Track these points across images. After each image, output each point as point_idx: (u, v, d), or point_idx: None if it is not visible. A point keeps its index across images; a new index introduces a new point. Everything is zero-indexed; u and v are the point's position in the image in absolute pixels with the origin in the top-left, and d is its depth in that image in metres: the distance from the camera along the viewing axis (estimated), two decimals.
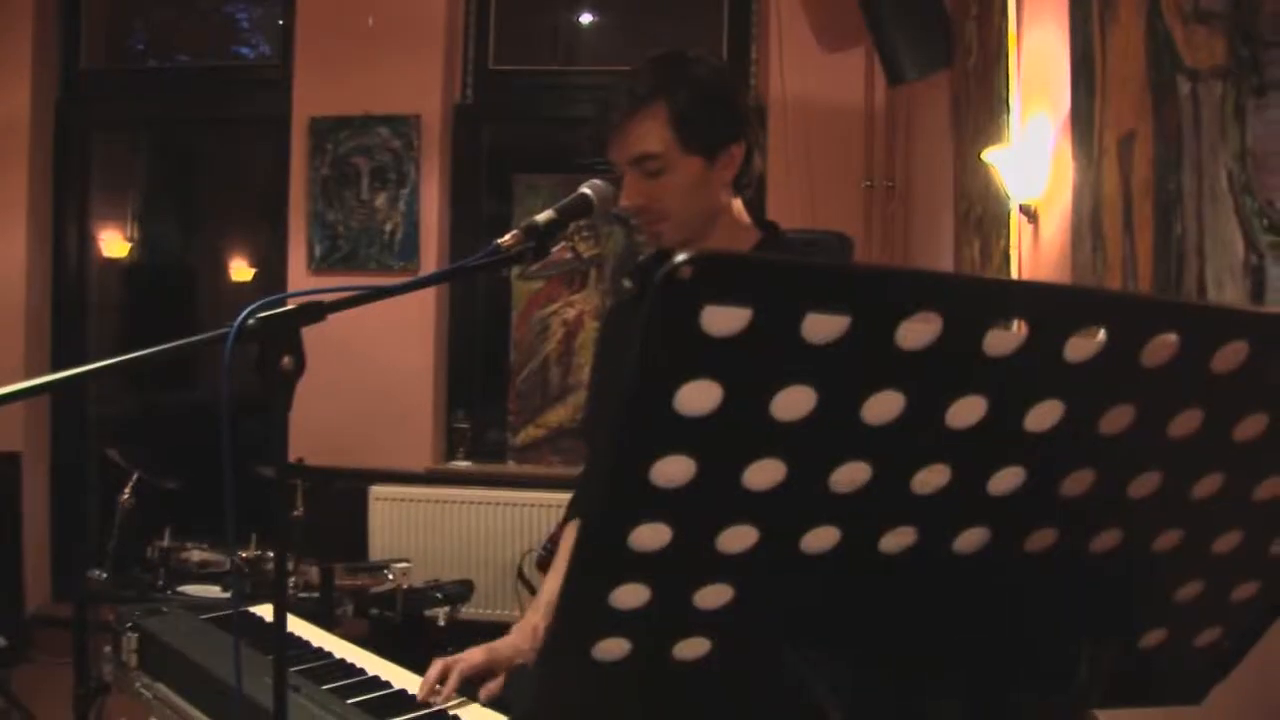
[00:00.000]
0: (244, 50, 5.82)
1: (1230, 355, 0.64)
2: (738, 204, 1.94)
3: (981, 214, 3.19)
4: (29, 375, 1.42)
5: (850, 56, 4.79)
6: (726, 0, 5.24)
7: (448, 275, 1.60)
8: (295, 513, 3.83)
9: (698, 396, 0.56)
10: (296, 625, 2.27)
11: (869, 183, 4.80)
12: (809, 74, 4.87)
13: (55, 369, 1.30)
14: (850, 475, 0.63)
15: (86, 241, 5.87)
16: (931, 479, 0.65)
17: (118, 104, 5.76)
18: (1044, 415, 0.64)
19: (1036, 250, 2.75)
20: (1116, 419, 0.65)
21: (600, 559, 0.64)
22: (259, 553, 3.73)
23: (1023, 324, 0.61)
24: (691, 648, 0.70)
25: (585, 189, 1.81)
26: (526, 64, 5.50)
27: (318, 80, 5.28)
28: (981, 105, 3.18)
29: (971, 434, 0.64)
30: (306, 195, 5.29)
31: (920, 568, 0.70)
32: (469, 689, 1.85)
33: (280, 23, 5.54)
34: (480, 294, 5.49)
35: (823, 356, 0.57)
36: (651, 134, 1.82)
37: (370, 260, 5.24)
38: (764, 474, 0.61)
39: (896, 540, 0.68)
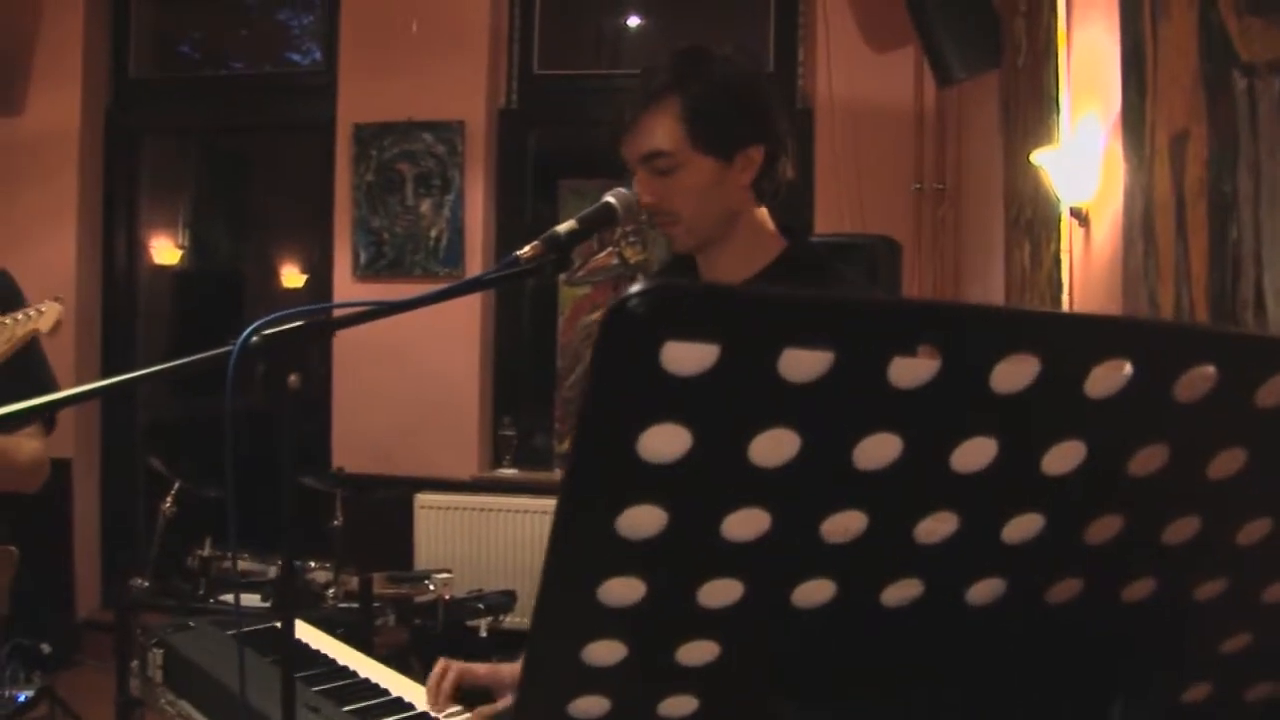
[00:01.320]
0: (295, 57, 5.82)
1: (1276, 389, 0.56)
2: (762, 211, 1.84)
3: (1031, 217, 3.09)
4: (79, 381, 1.40)
5: (899, 57, 4.69)
6: (773, 2, 5.15)
7: (464, 289, 1.54)
8: (335, 522, 3.81)
9: (664, 441, 0.50)
10: (324, 642, 2.23)
11: (918, 186, 4.70)
12: (857, 75, 4.78)
13: (106, 375, 1.28)
14: (844, 524, 0.56)
15: (136, 248, 5.90)
16: (938, 527, 0.58)
17: (167, 111, 5.79)
18: (1064, 457, 0.57)
19: (1088, 255, 2.66)
20: (1147, 460, 0.58)
21: (568, 615, 0.58)
22: (299, 563, 3.71)
23: (1035, 357, 0.54)
24: (677, 706, 0.64)
25: (609, 198, 1.75)
26: (571, 68, 5.45)
27: (362, 86, 5.27)
28: (1031, 105, 3.09)
29: (981, 478, 0.57)
30: (351, 202, 5.28)
31: (929, 622, 0.63)
32: (473, 697, 1.81)
33: (325, 29, 5.54)
34: (526, 300, 5.45)
35: (805, 396, 0.50)
36: (662, 130, 1.74)
37: (415, 267, 5.21)
38: (745, 524, 0.54)
39: (900, 593, 0.61)
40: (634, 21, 5.72)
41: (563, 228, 1.67)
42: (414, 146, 5.20)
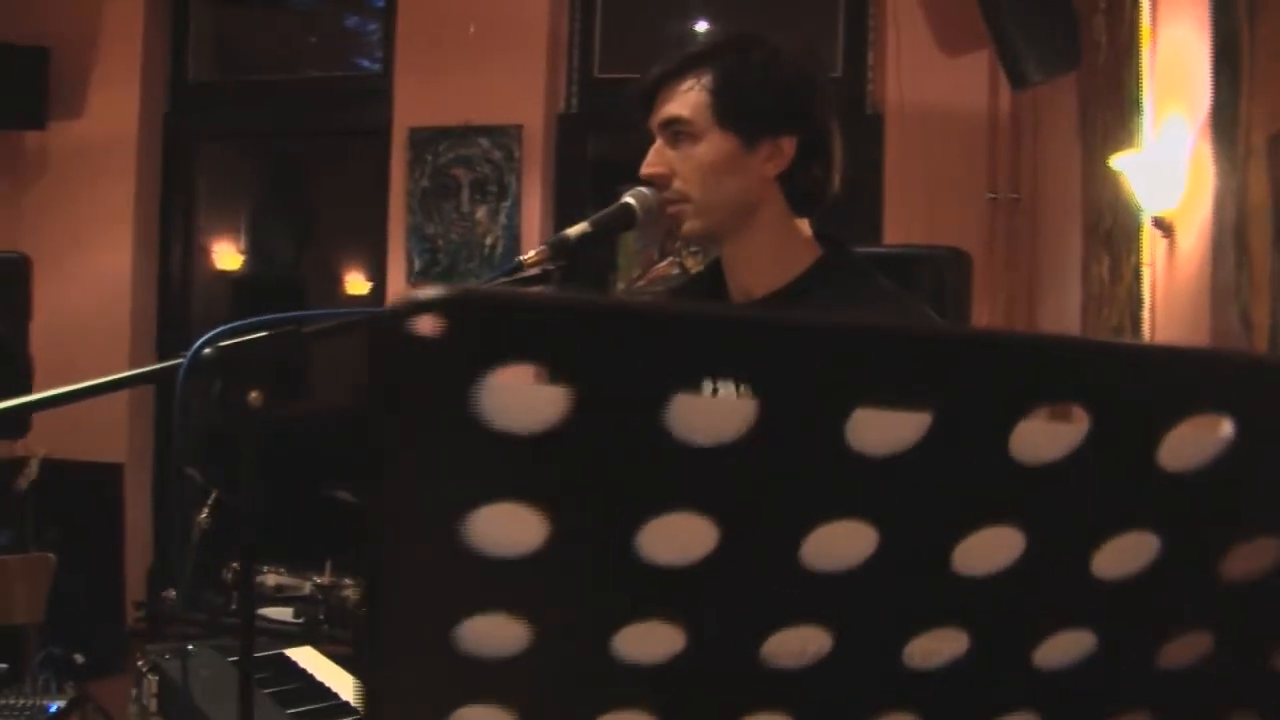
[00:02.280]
0: (365, 63, 5.73)
1: None
2: (797, 219, 1.65)
3: (1111, 227, 2.88)
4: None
5: (973, 60, 4.47)
6: (843, 4, 4.96)
7: None
8: None
9: (505, 528, 0.33)
10: (332, 673, 2.09)
11: (993, 194, 4.47)
12: (929, 80, 4.57)
13: None
14: (795, 644, 0.39)
15: (193, 252, 5.85)
16: (934, 648, 0.40)
17: (224, 116, 5.73)
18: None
19: (1171, 268, 2.44)
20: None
21: None
22: (334, 579, 3.60)
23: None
24: None
25: (628, 198, 1.58)
26: (633, 71, 5.28)
27: (418, 90, 5.16)
28: (1111, 107, 2.87)
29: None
30: (405, 208, 5.17)
31: None
32: None
33: (382, 32, 5.44)
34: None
35: (717, 466, 0.33)
36: (687, 98, 1.57)
37: (470, 275, 5.09)
38: (648, 642, 0.37)
39: None
40: (698, 25, 5.55)
41: (573, 230, 1.51)
42: (470, 151, 5.08)
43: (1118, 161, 2.56)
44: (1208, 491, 0.38)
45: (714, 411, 0.32)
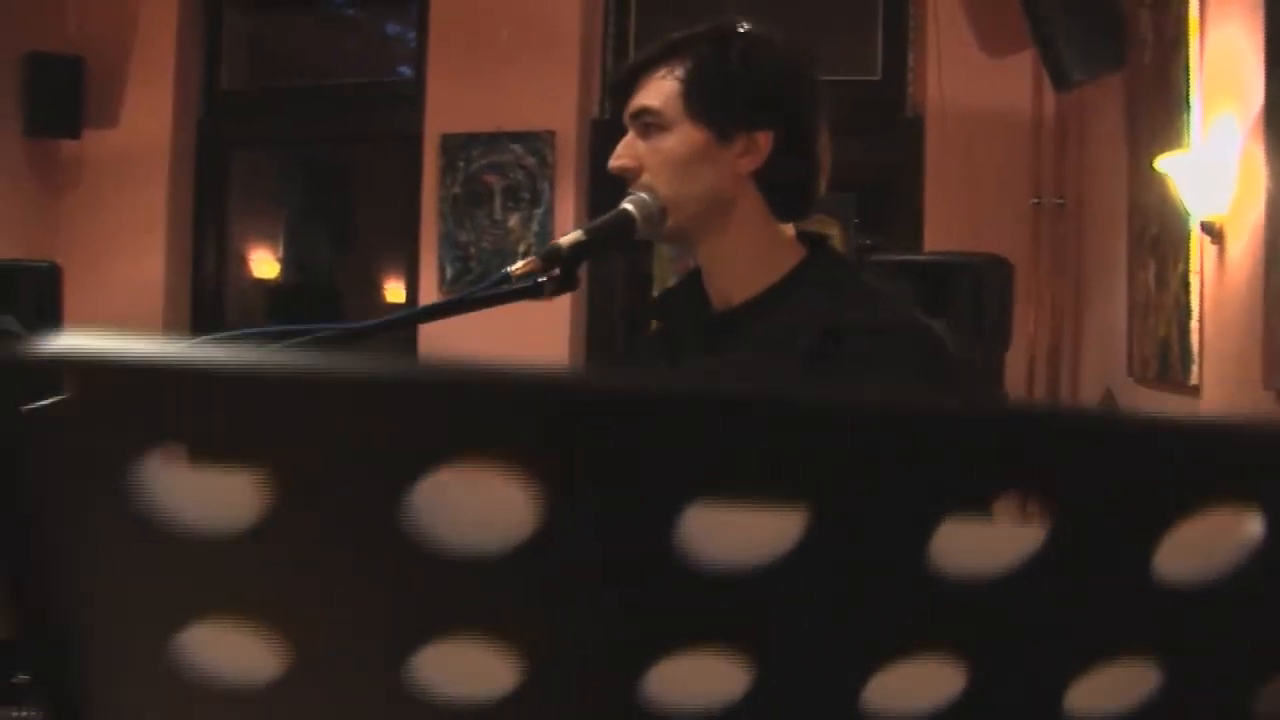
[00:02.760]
0: (404, 70, 5.67)
1: None
2: (777, 222, 1.53)
3: (1158, 233, 2.74)
4: None
5: (1016, 61, 4.33)
6: (881, 5, 4.83)
7: (439, 311, 1.30)
8: None
9: (224, 652, 0.24)
10: None
11: (1037, 200, 4.34)
12: (971, 81, 4.44)
13: None
14: None
15: (226, 261, 5.82)
16: None
17: (258, 123, 5.70)
18: None
19: (1221, 275, 2.31)
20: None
21: None
22: None
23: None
24: None
25: (627, 204, 1.48)
26: None
27: (450, 96, 5.10)
28: (1157, 106, 2.74)
29: None
30: (437, 215, 5.10)
31: None
32: None
33: (414, 37, 5.39)
34: (618, 318, 5.21)
35: (497, 583, 0.23)
36: (659, 87, 1.48)
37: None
38: None
39: None
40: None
41: (566, 239, 1.42)
42: (502, 158, 5.00)
43: (1164, 163, 2.43)
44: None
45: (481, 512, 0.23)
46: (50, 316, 4.62)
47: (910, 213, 4.62)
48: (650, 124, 1.49)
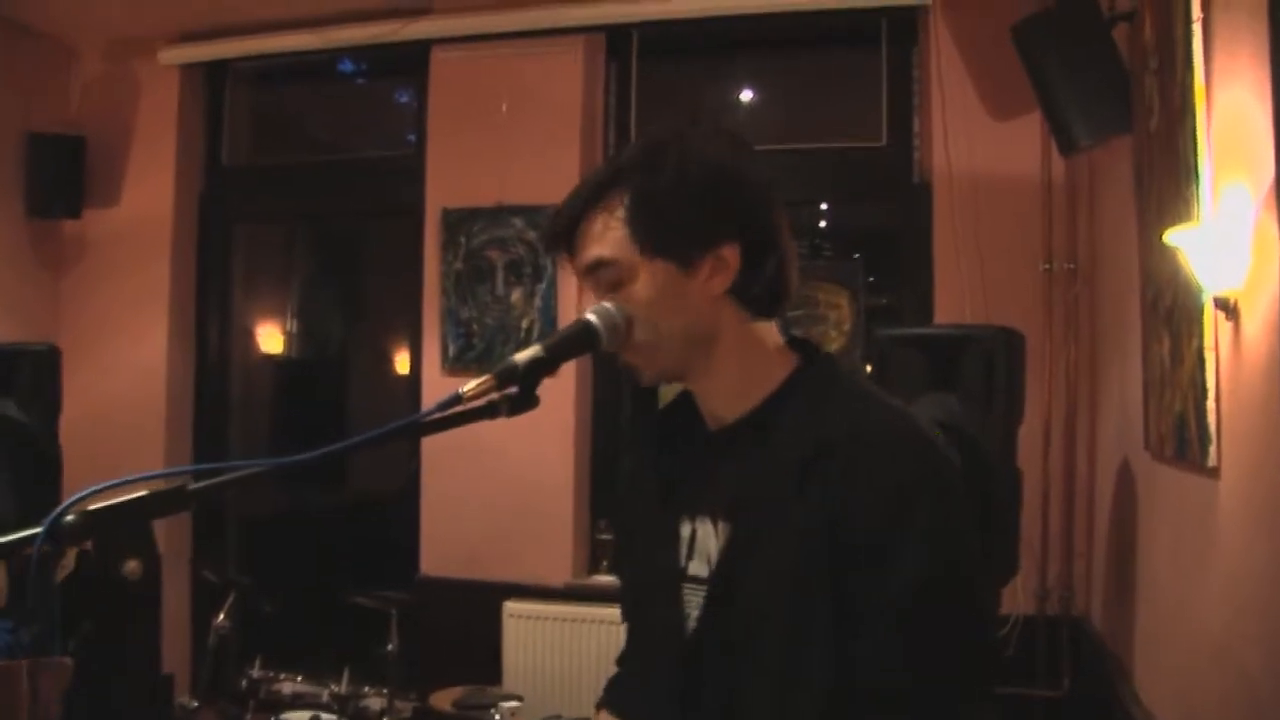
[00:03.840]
0: (412, 138, 5.63)
1: None
2: (760, 327, 1.48)
3: (1171, 305, 2.64)
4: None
5: (1023, 124, 4.26)
6: (885, 71, 4.77)
7: (384, 436, 1.21)
8: (389, 646, 3.51)
9: None
10: None
11: (1047, 266, 4.24)
12: (978, 146, 4.37)
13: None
14: None
15: (230, 337, 5.77)
16: None
17: (262, 197, 5.68)
18: None
19: (1237, 353, 2.20)
20: None
21: None
22: (352, 688, 3.42)
23: None
24: None
25: (590, 315, 1.40)
26: None
27: (450, 170, 5.06)
28: (1165, 175, 2.64)
29: None
30: (440, 291, 5.04)
31: None
32: None
33: (414, 111, 5.35)
34: (627, 393, 5.11)
35: None
36: (606, 237, 1.40)
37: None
38: None
39: None
40: (739, 95, 5.40)
41: (522, 356, 1.34)
42: (504, 233, 4.94)
43: (1174, 236, 2.33)
44: None
45: None
46: (49, 400, 4.56)
47: (920, 278, 4.53)
48: (609, 277, 1.41)
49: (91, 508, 0.99)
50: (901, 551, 1.29)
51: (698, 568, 1.47)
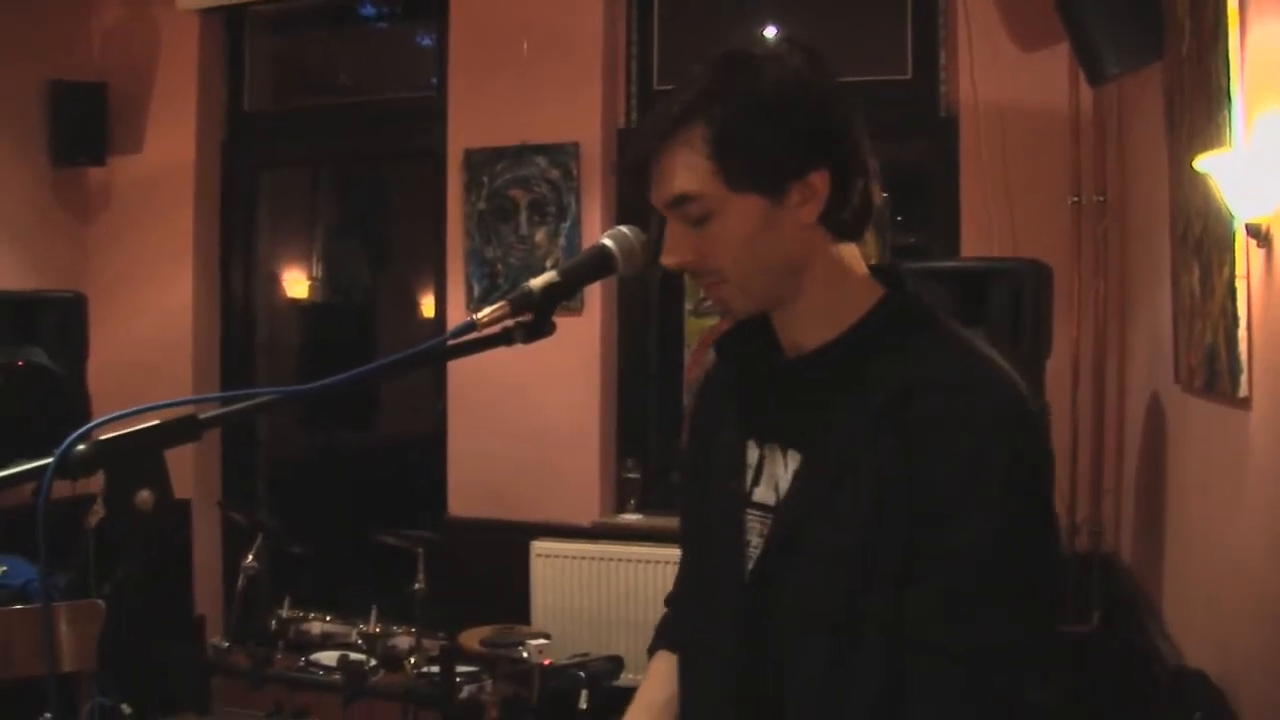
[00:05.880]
0: (434, 79, 5.59)
1: None
2: (847, 251, 1.41)
3: (1201, 234, 2.59)
4: None
5: (1051, 54, 4.18)
6: (909, 2, 4.69)
7: (401, 364, 1.19)
8: (416, 585, 3.53)
9: None
10: None
11: (1076, 199, 4.18)
12: (1005, 77, 4.29)
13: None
14: None
15: (255, 283, 5.79)
16: None
17: (282, 144, 5.67)
18: None
19: (1269, 282, 2.16)
20: None
21: None
22: (379, 627, 3.45)
23: None
24: None
25: (606, 239, 1.37)
26: None
27: (472, 111, 5.03)
28: (1197, 101, 2.59)
29: None
30: (463, 231, 5.02)
31: None
32: None
33: (435, 52, 5.31)
34: (653, 330, 5.10)
35: None
36: (688, 167, 1.30)
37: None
38: None
39: None
40: (762, 30, 5.32)
41: (538, 281, 1.31)
42: (527, 172, 4.91)
43: (1204, 162, 2.28)
44: None
45: None
46: (77, 347, 4.59)
47: (947, 213, 4.48)
48: (695, 212, 1.33)
49: (101, 438, 0.99)
50: (973, 507, 1.26)
51: (763, 494, 1.43)
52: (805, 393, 1.42)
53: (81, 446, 0.97)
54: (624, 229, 1.38)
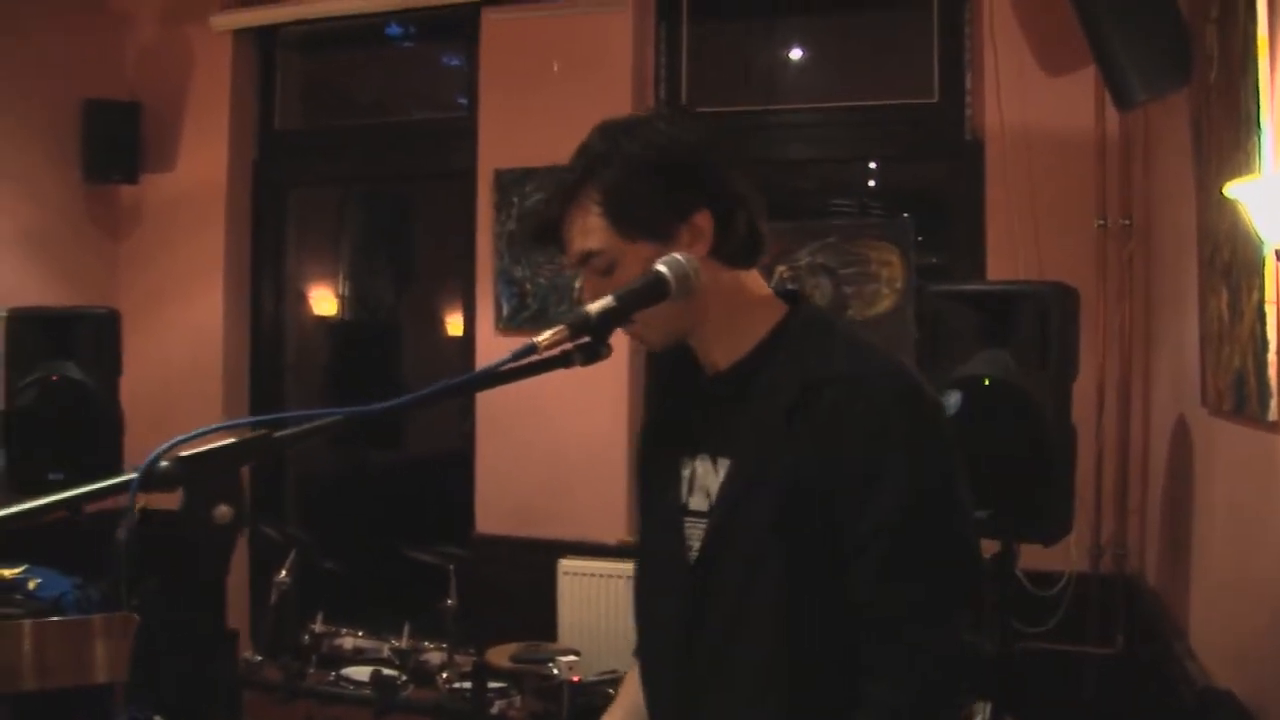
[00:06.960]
0: (463, 100, 5.65)
1: None
2: (748, 277, 1.60)
3: (1230, 259, 2.62)
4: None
5: (1078, 79, 4.20)
6: (936, 26, 4.73)
7: (464, 387, 1.24)
8: (448, 600, 3.57)
9: None
10: None
11: (1102, 221, 4.20)
12: (1031, 101, 4.32)
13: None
14: None
15: (285, 301, 5.85)
16: None
17: (315, 162, 5.73)
18: None
19: None
20: None
21: None
22: (413, 642, 3.48)
23: None
24: None
25: (660, 265, 1.46)
26: (723, 104, 5.12)
27: (503, 131, 5.09)
28: (1225, 127, 2.62)
29: None
30: (493, 251, 5.07)
31: None
32: None
33: (466, 72, 5.37)
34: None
35: None
36: (586, 228, 1.51)
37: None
38: None
39: None
40: (789, 54, 5.37)
41: (595, 306, 1.39)
42: None
43: (1233, 189, 2.31)
44: None
45: None
46: (110, 363, 4.65)
47: (972, 236, 4.51)
48: (600, 265, 1.52)
49: (184, 454, 1.03)
50: (884, 477, 1.41)
51: (698, 503, 1.59)
52: (725, 405, 1.58)
53: (164, 463, 1.01)
54: (678, 256, 1.45)
